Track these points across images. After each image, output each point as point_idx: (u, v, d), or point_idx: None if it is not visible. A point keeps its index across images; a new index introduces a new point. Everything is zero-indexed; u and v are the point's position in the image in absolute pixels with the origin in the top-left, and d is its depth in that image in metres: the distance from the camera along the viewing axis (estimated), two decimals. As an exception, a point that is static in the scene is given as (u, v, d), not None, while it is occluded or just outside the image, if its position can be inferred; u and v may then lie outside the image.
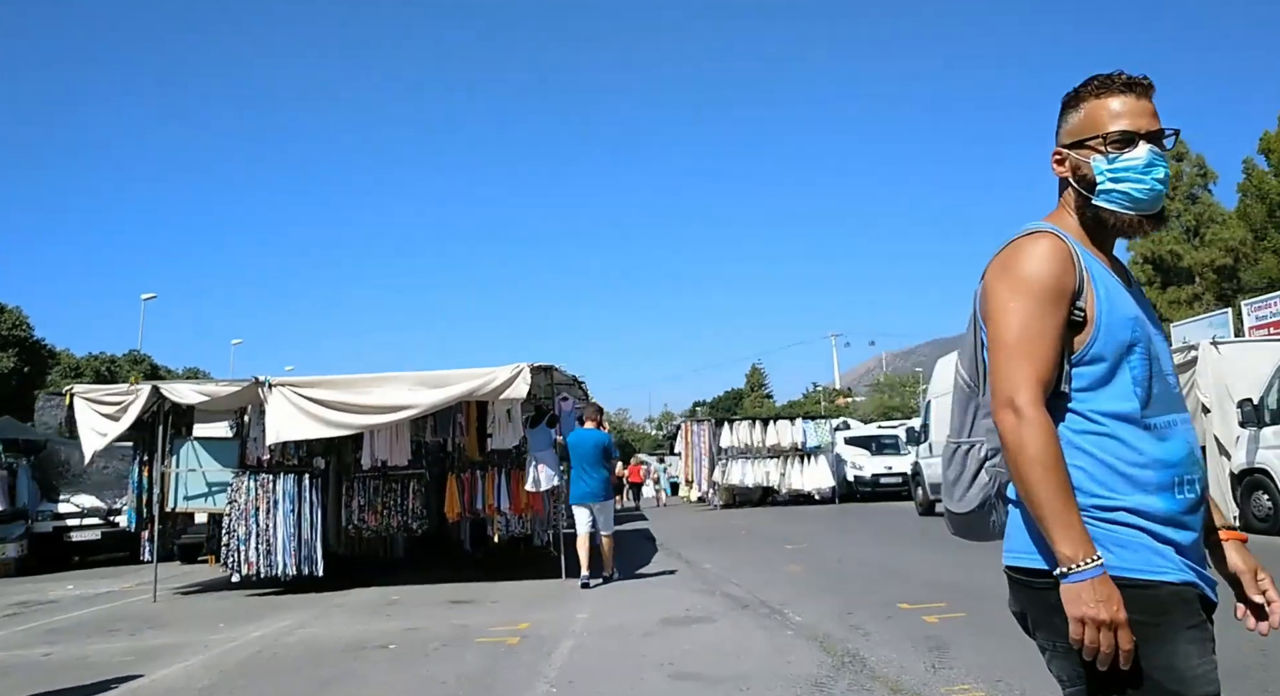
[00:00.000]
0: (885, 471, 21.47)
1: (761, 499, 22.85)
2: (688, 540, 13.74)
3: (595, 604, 7.52)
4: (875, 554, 10.20)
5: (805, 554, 10.66)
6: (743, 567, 9.61)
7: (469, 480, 9.49)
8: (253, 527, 8.70)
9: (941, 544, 11.34)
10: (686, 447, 23.25)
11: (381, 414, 8.77)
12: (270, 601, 8.54)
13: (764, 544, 12.29)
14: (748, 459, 21.99)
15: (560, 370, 9.94)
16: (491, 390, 8.71)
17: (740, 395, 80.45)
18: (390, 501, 9.29)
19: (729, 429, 22.20)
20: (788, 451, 21.92)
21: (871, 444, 23.09)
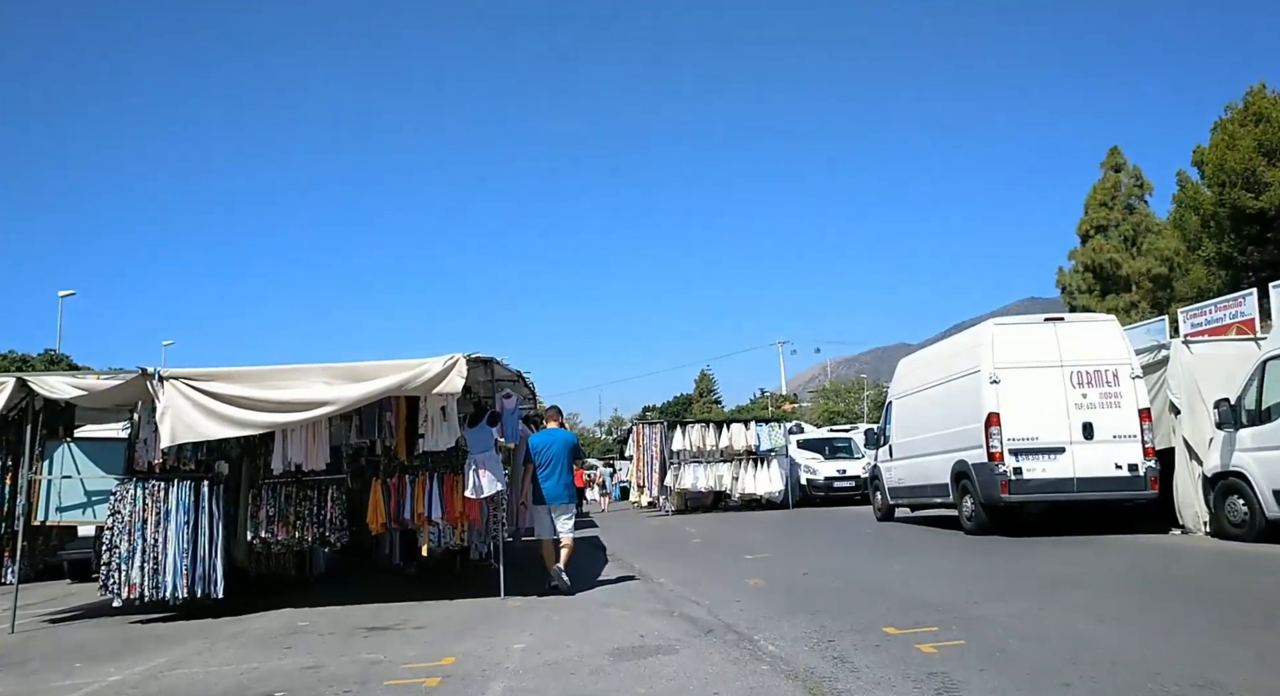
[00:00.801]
0: (839, 475, 20.74)
1: (713, 504, 21.93)
2: (640, 549, 12.70)
3: (535, 629, 6.40)
4: (841, 564, 9.28)
5: (767, 565, 9.69)
6: (701, 581, 8.59)
7: (397, 486, 8.28)
8: (138, 543, 7.35)
9: (907, 552, 10.41)
10: (638, 451, 22.20)
11: (295, 411, 7.52)
12: (153, 631, 7.20)
13: (721, 553, 11.31)
14: (700, 463, 21.05)
15: (502, 364, 8.81)
16: (422, 384, 7.54)
17: (689, 400, 79.77)
18: (305, 511, 8.00)
19: (681, 432, 21.23)
20: (741, 455, 21.04)
21: (825, 447, 22.35)
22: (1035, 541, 10.08)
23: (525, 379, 10.35)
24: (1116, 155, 32.88)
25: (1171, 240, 30.06)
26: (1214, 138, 26.99)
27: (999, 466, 10.30)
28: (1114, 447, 10.11)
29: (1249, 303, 18.82)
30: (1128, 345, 10.49)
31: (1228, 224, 26.11)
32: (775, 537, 13.07)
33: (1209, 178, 26.72)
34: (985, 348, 10.67)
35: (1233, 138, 25.58)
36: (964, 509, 11.26)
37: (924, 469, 12.45)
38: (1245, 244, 25.82)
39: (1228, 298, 19.55)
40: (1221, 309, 19.42)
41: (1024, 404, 10.39)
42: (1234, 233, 25.97)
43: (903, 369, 13.90)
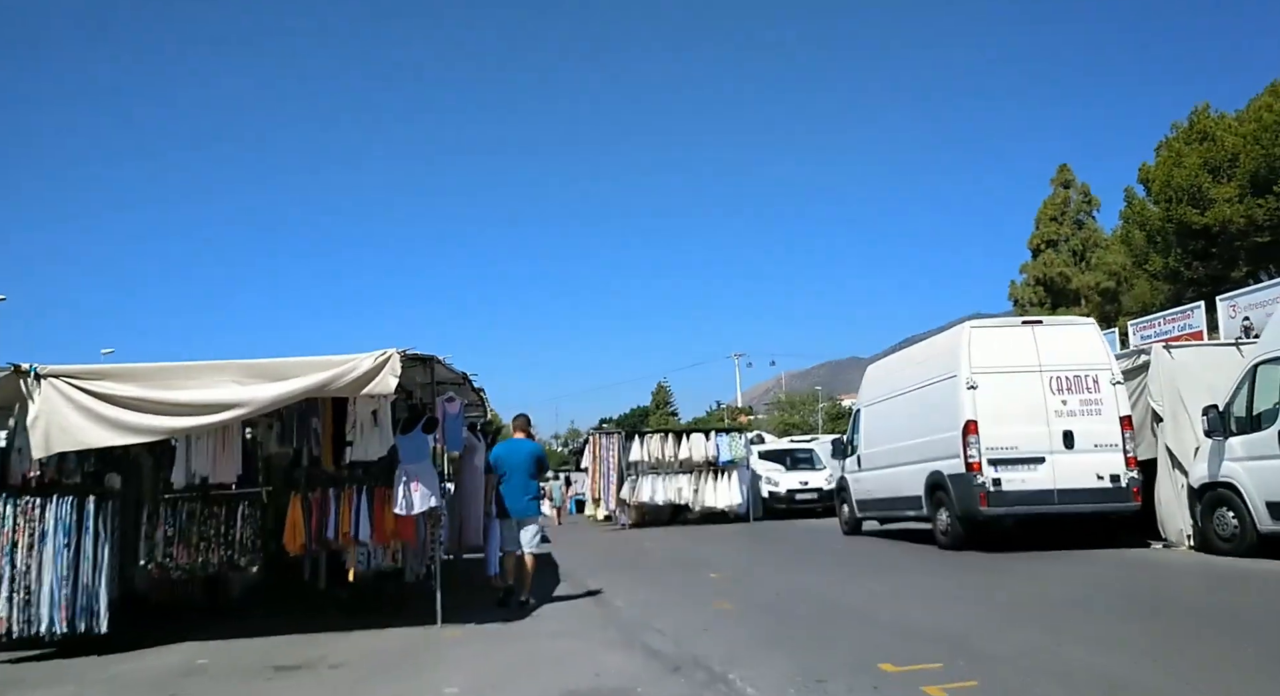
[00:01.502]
0: (801, 487, 19.99)
1: (672, 517, 21.02)
2: (595, 566, 11.70)
3: (471, 667, 5.39)
4: (816, 584, 8.42)
5: (734, 584, 8.80)
6: (663, 605, 7.66)
7: (319, 502, 7.18)
8: (5, 570, 6.15)
9: (884, 571, 9.20)
10: (594, 462, 21.19)
11: (198, 414, 6.39)
12: (19, 673, 5.97)
13: (684, 571, 10.39)
14: (659, 474, 20.13)
15: (445, 363, 7.78)
16: (350, 383, 6.48)
17: (646, 412, 79.04)
18: (210, 530, 6.86)
19: (639, 443, 20.29)
20: (700, 466, 20.18)
21: (786, 458, 21.59)
22: (1015, 557, 9.37)
23: (471, 382, 9.33)
24: (1066, 172, 33.14)
25: (1119, 255, 30.23)
26: (1161, 155, 27.20)
27: (977, 477, 9.59)
28: (1095, 457, 9.48)
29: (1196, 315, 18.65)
30: (1108, 349, 9.90)
31: (1174, 239, 26.25)
32: (739, 553, 12.20)
33: (1156, 194, 26.88)
34: (962, 351, 9.98)
35: (1179, 155, 25.76)
36: (939, 522, 10.53)
37: (895, 480, 11.71)
38: (1191, 258, 25.96)
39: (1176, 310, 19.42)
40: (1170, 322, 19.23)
41: (1002, 411, 9.72)
42: (1180, 247, 26.11)
43: (871, 375, 13.19)
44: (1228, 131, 24.70)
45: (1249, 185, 23.64)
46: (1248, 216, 23.77)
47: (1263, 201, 23.45)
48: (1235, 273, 25.32)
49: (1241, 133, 23.84)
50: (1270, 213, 23.37)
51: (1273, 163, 22.60)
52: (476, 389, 12.34)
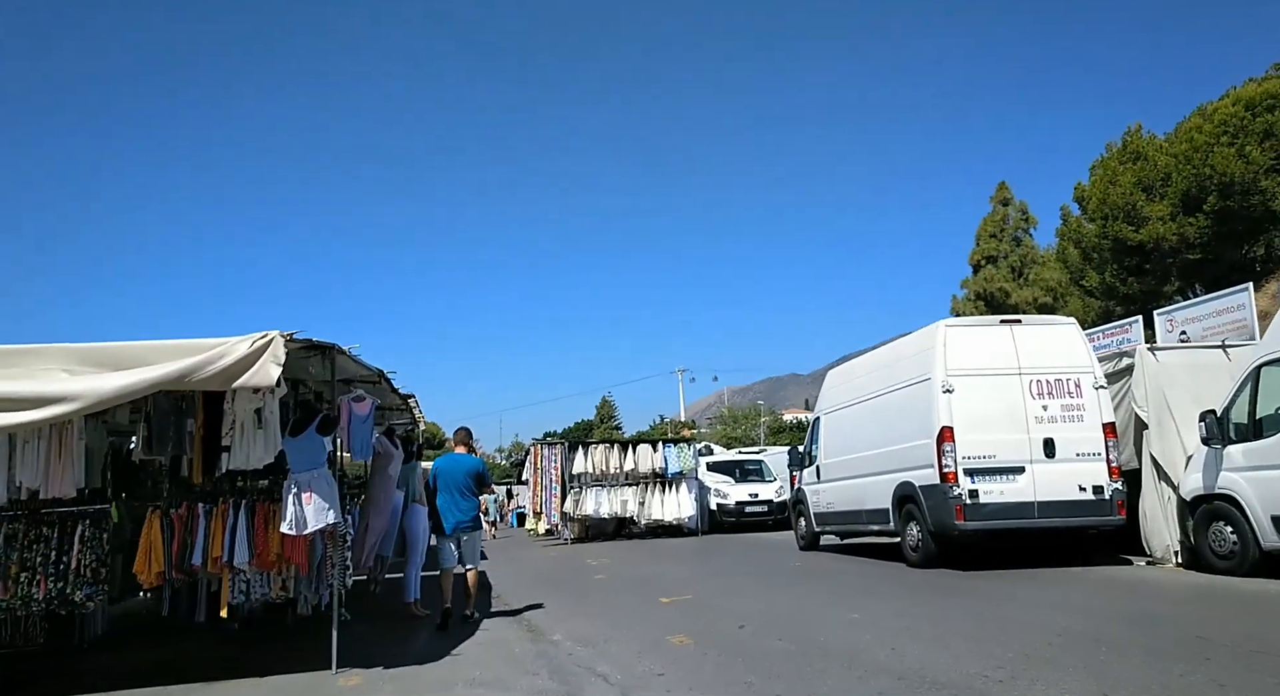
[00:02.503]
0: (751, 499, 18.90)
1: (617, 531, 19.69)
2: (532, 587, 10.32)
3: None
4: (783, 611, 7.20)
5: (689, 611, 7.54)
6: (608, 639, 6.35)
7: (183, 520, 5.68)
8: None
9: (857, 594, 7.89)
10: (535, 474, 19.72)
11: (17, 410, 4.88)
12: None
13: (631, 594, 9.08)
14: (603, 487, 18.78)
15: (351, 355, 6.38)
16: (218, 373, 5.03)
17: (590, 426, 77.50)
18: (37, 557, 5.31)
19: (583, 454, 18.92)
20: (647, 478, 18.93)
21: (735, 470, 20.49)
22: (994, 577, 8.35)
23: (389, 381, 7.90)
24: (1004, 190, 33.19)
25: (1055, 271, 30.25)
26: (1096, 174, 27.26)
27: (953, 488, 8.56)
28: (1077, 467, 8.55)
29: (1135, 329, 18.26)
30: (1089, 351, 9.02)
31: (1109, 256, 26.24)
32: (692, 572, 10.95)
33: (1092, 211, 26.87)
34: (936, 352, 8.98)
35: (1114, 174, 25.79)
36: (909, 537, 9.47)
37: (859, 492, 10.64)
38: (1126, 275, 25.94)
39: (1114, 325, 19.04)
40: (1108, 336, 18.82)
41: (980, 417, 8.73)
42: (1116, 264, 26.09)
43: (833, 381, 12.13)
44: (1159, 151, 24.81)
45: (1180, 203, 23.69)
46: (1179, 234, 23.77)
47: (1193, 219, 23.49)
48: (1167, 288, 25.38)
49: (1173, 153, 23.91)
50: (1201, 231, 23.41)
51: (1203, 182, 22.63)
52: (404, 395, 10.96)
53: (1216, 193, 22.04)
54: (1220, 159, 21.46)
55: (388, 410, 10.98)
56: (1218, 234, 23.14)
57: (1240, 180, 21.38)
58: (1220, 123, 22.00)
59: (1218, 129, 21.99)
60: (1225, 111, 22.06)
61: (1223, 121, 21.96)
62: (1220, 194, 22.00)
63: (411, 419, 15.03)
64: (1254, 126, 21.25)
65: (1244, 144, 21.22)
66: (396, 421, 14.48)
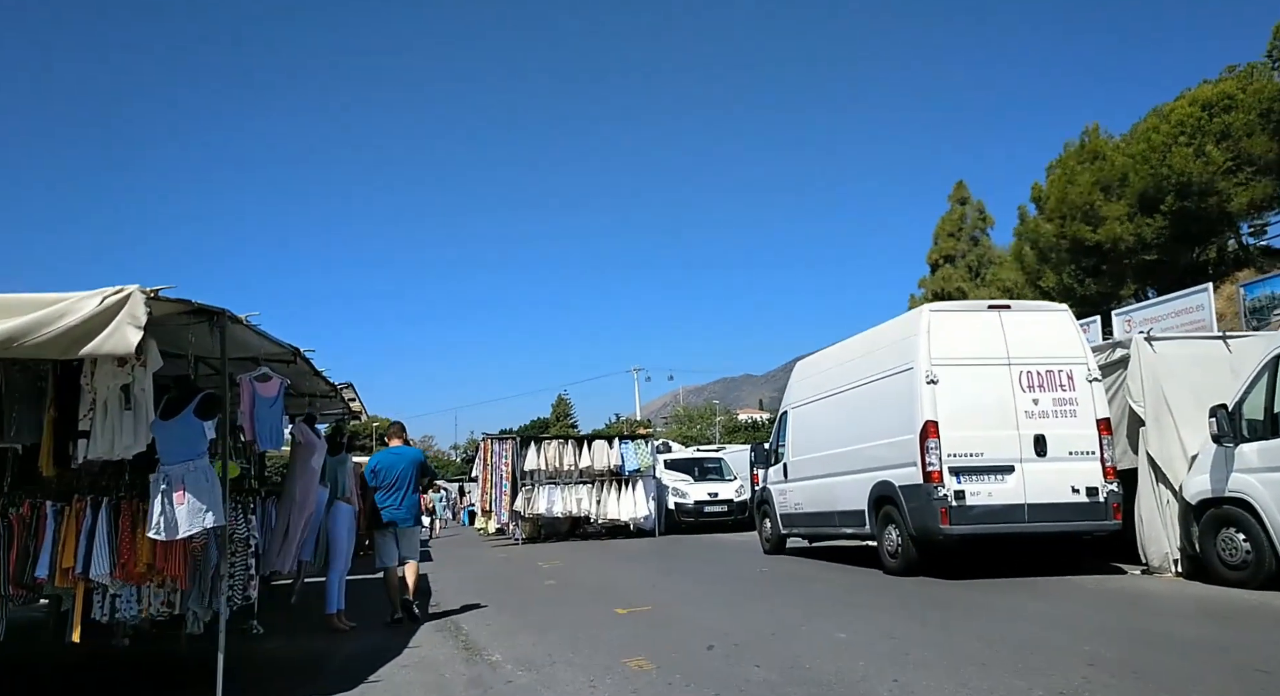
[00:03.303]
0: (710, 499, 18.04)
1: (571, 530, 18.66)
2: (475, 595, 9.25)
3: None
4: (757, 627, 6.26)
5: (649, 626, 6.56)
6: (555, 663, 5.34)
7: (26, 522, 4.50)
8: None
9: (836, 606, 6.98)
10: (485, 471, 18.60)
11: None
12: None
13: (583, 603, 8.07)
14: (557, 484, 17.73)
15: (252, 325, 5.26)
16: (57, 337, 3.87)
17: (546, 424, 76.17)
18: None
19: (536, 449, 17.83)
20: (603, 476, 17.94)
21: (694, 468, 19.60)
22: (986, 587, 7.56)
23: (307, 361, 6.75)
24: (962, 189, 33.04)
25: (1012, 271, 30.09)
26: (1054, 174, 27.13)
27: (938, 489, 7.75)
28: (1070, 466, 7.82)
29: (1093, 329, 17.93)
30: (1083, 340, 8.30)
31: (1067, 256, 26.09)
32: (651, 578, 9.98)
33: (1050, 211, 26.70)
34: (920, 339, 8.17)
35: (1073, 174, 25.63)
36: (887, 542, 8.64)
37: (830, 492, 9.80)
38: (1083, 275, 25.81)
39: (1072, 324, 18.74)
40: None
41: (966, 410, 7.95)
42: (1073, 264, 25.95)
43: (802, 372, 11.27)
44: (1117, 151, 24.70)
45: (1138, 204, 23.57)
46: (1136, 234, 23.67)
47: (1150, 220, 23.39)
48: (1123, 290, 25.31)
49: (1130, 153, 23.78)
50: (1157, 231, 23.32)
51: (1160, 182, 22.51)
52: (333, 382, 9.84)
53: (1174, 193, 21.92)
54: (1178, 158, 21.33)
55: (313, 397, 9.80)
56: (1174, 235, 23.09)
57: (1198, 180, 21.28)
58: (1178, 123, 21.89)
59: (1175, 129, 21.88)
60: (1182, 112, 21.96)
61: (1180, 122, 21.85)
62: (1178, 194, 21.89)
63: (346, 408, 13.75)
64: (1211, 127, 21.16)
65: (1202, 144, 21.11)
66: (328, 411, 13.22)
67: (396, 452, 7.44)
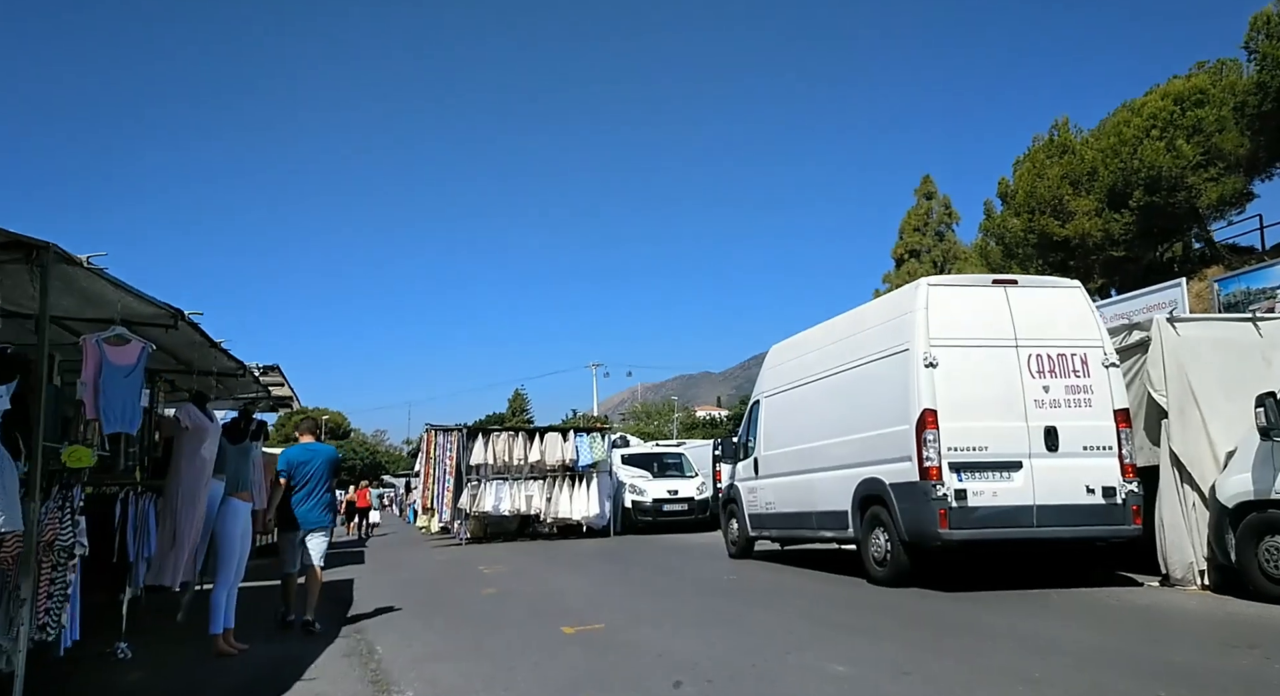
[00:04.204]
0: (670, 497, 16.93)
1: (520, 530, 17.39)
2: (401, 607, 8.01)
3: None
4: (730, 654, 5.12)
5: (602, 650, 5.38)
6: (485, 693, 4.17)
7: None
8: None
9: (828, 631, 5.64)
10: (427, 465, 17.22)
11: None
12: None
13: (524, 620, 6.84)
14: (505, 480, 16.44)
15: (97, 269, 3.94)
16: None
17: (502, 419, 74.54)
18: None
19: (484, 442, 16.50)
20: (555, 471, 16.71)
21: (653, 464, 18.46)
22: (996, 603, 6.57)
23: (195, 327, 5.42)
24: (929, 183, 32.56)
25: (977, 267, 29.63)
26: (1022, 168, 26.69)
27: (936, 488, 6.73)
28: (1084, 463, 6.87)
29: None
30: (1098, 320, 7.37)
31: (1034, 251, 25.66)
32: (604, 587, 8.80)
33: (1018, 205, 26.24)
34: (917, 316, 7.15)
35: (1041, 167, 25.19)
36: (873, 547, 7.61)
37: (808, 490, 8.75)
38: (1051, 270, 25.37)
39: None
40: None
41: (969, 398, 6.95)
42: (1041, 259, 25.52)
43: (778, 357, 10.19)
44: (1087, 146, 24.33)
45: (1106, 198, 23.19)
46: (1105, 230, 23.29)
47: (1118, 216, 23.04)
48: (1090, 285, 24.95)
49: (1100, 147, 23.40)
50: (1125, 227, 22.97)
51: (1130, 176, 22.13)
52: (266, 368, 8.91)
53: (1143, 187, 21.55)
54: (1150, 152, 20.94)
55: (216, 377, 8.41)
56: (1141, 231, 22.75)
57: (1168, 175, 20.91)
58: (1149, 116, 21.51)
59: (1146, 122, 21.49)
60: (1154, 106, 21.59)
61: (1151, 116, 21.47)
62: (1147, 189, 21.52)
63: (264, 393, 12.22)
64: (1183, 121, 20.81)
65: (1173, 138, 20.74)
66: (243, 396, 11.72)
67: (309, 449, 6.91)
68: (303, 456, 6.84)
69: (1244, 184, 21.46)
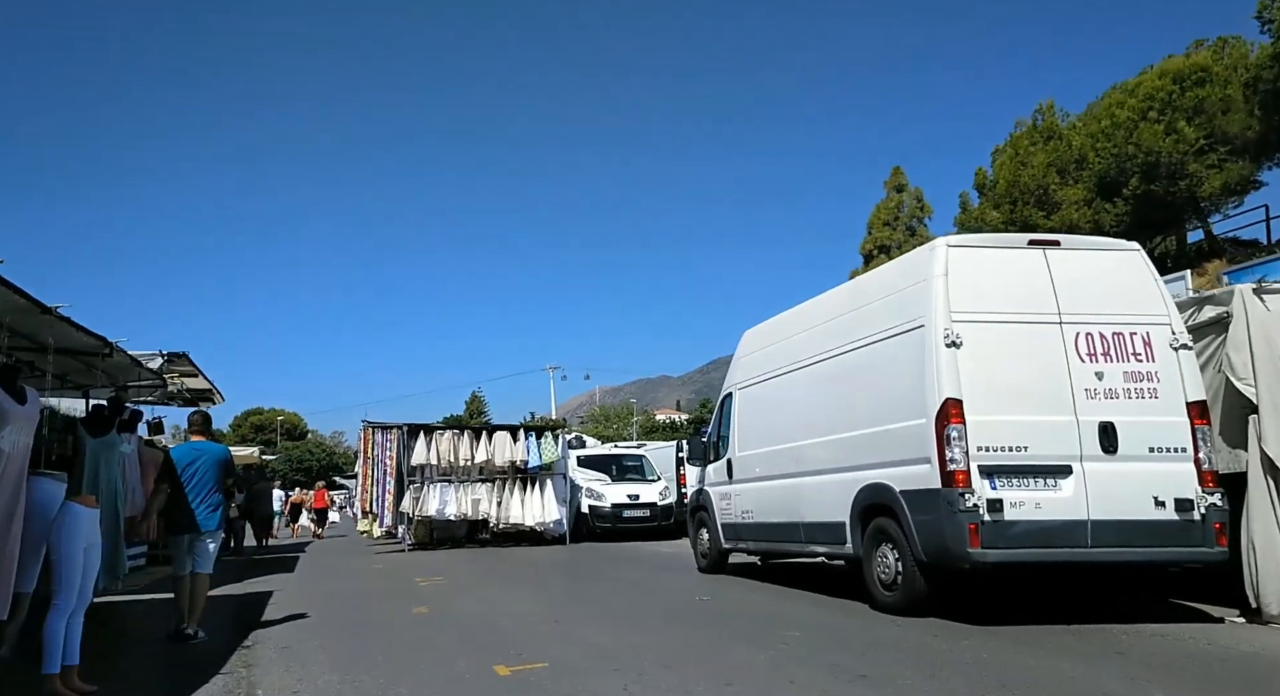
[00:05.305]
0: (630, 502, 15.40)
1: (469, 535, 15.78)
2: (311, 624, 6.50)
3: None
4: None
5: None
6: None
7: None
8: None
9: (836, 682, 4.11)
10: (366, 465, 15.54)
11: None
12: None
13: (453, 651, 5.22)
14: (450, 483, 14.80)
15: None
16: None
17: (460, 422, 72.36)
18: None
19: (426, 441, 14.82)
20: (505, 473, 15.12)
21: (611, 467, 16.89)
22: (1035, 639, 5.15)
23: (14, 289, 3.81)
24: (899, 175, 31.43)
25: (954, 260, 28.55)
26: (1003, 156, 25.57)
27: (965, 497, 5.30)
28: (1151, 468, 5.48)
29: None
30: (1164, 290, 6.00)
31: (1018, 243, 24.57)
32: (553, 608, 7.21)
33: (999, 196, 25.13)
34: (935, 285, 5.72)
35: (1025, 155, 24.06)
36: (879, 568, 6.15)
37: (795, 498, 7.28)
38: (1034, 263, 24.33)
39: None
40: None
41: (1002, 386, 5.56)
42: (1024, 251, 24.44)
43: (755, 342, 8.67)
44: (1075, 131, 23.17)
45: (1097, 187, 22.11)
46: (1094, 221, 22.20)
47: (1110, 205, 21.96)
48: (1077, 279, 23.91)
49: (1090, 131, 22.25)
50: (1118, 217, 21.90)
51: (1124, 163, 21.01)
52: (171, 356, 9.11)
53: (1139, 174, 20.45)
54: (1148, 135, 19.76)
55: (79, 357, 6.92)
56: (1135, 222, 21.67)
57: (1167, 161, 19.82)
58: (1145, 97, 20.35)
59: (1143, 104, 20.32)
60: (1151, 85, 20.44)
61: (1148, 96, 20.31)
62: (1143, 176, 20.43)
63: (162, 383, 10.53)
64: (1183, 101, 19.64)
65: (1173, 120, 19.59)
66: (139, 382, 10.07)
67: (196, 448, 6.49)
68: (189, 456, 6.36)
69: (1251, 170, 20.38)
